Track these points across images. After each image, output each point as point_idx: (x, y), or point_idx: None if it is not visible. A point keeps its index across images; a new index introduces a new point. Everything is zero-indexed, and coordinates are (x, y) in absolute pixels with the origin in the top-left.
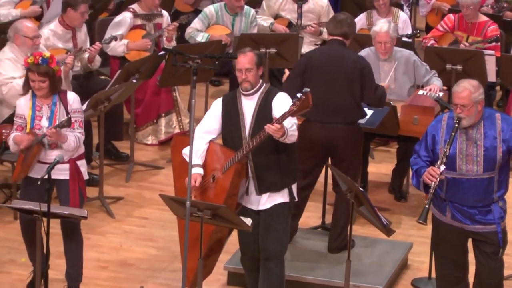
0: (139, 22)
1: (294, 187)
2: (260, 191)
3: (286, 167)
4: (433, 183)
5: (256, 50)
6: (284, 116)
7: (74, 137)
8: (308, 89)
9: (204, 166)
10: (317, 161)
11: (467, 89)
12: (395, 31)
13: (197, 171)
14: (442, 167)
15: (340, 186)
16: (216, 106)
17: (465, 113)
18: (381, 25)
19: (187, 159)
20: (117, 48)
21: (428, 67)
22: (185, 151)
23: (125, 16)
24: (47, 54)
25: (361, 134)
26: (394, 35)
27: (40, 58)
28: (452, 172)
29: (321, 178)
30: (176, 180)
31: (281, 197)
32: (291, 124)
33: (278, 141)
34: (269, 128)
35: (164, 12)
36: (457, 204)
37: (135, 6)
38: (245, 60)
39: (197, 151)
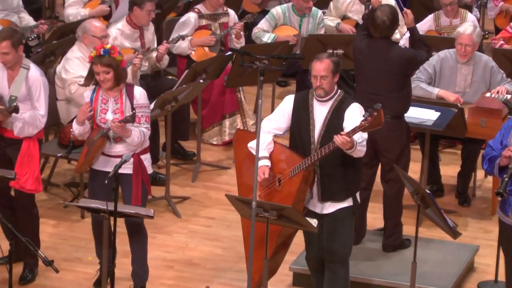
0: (204, 22)
1: (358, 193)
2: (323, 199)
3: (352, 177)
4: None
5: (323, 51)
6: (354, 131)
7: (138, 132)
8: (380, 105)
9: (271, 166)
10: (368, 158)
11: None
12: (479, 36)
13: (265, 163)
14: None
15: (385, 183)
16: (287, 103)
17: None
18: (466, 27)
19: (253, 152)
20: (182, 44)
21: (504, 75)
22: (251, 144)
23: (190, 17)
24: (108, 46)
25: (404, 129)
26: (477, 40)
27: (102, 49)
28: None
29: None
30: (240, 177)
31: (345, 202)
32: (362, 139)
33: (346, 152)
34: (338, 139)
35: (230, 11)
36: None
37: (200, 7)
38: (320, 67)
39: (263, 143)
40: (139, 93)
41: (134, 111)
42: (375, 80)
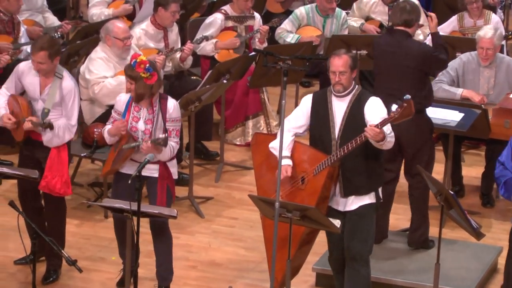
0: (230, 24)
1: (380, 188)
2: (346, 193)
3: (374, 171)
4: None
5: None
6: (384, 122)
7: (169, 148)
8: (410, 96)
9: (292, 165)
10: (390, 153)
11: None
12: (500, 39)
13: (287, 162)
14: None
15: (411, 178)
16: (306, 102)
17: None
18: (486, 31)
19: (275, 153)
20: (206, 47)
21: None
22: (273, 144)
23: (216, 18)
24: (140, 58)
25: (426, 124)
26: (498, 43)
27: (133, 60)
28: None
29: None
30: (258, 179)
31: (368, 198)
32: (389, 130)
33: (369, 146)
34: (370, 131)
35: (256, 15)
36: None
37: (227, 8)
38: (339, 63)
39: (284, 143)
40: (172, 106)
41: (166, 135)
42: (394, 75)
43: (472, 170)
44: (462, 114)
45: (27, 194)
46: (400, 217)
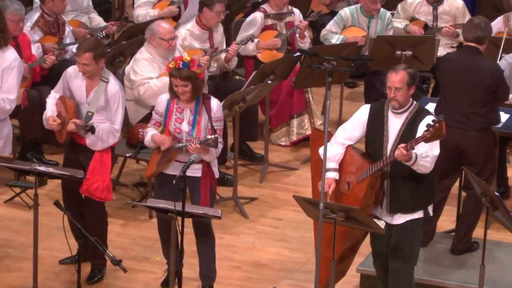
0: (269, 22)
1: (430, 206)
2: (391, 210)
3: (423, 190)
4: None
5: (392, 52)
6: (417, 141)
7: (214, 149)
8: (443, 116)
9: (341, 166)
10: (449, 165)
11: None
12: None
13: (332, 175)
14: None
15: (468, 189)
16: (363, 113)
17: None
18: None
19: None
20: (248, 46)
21: None
22: (321, 151)
23: (256, 16)
24: (188, 58)
25: (494, 140)
26: None
27: (181, 62)
28: None
29: (456, 182)
30: (314, 177)
31: (416, 214)
32: (426, 154)
33: None
34: (397, 151)
35: (296, 10)
36: None
37: (265, 6)
38: (396, 79)
39: (335, 155)
40: (216, 106)
41: (216, 136)
42: (463, 91)
43: None
44: (507, 115)
45: (71, 195)
46: (444, 218)
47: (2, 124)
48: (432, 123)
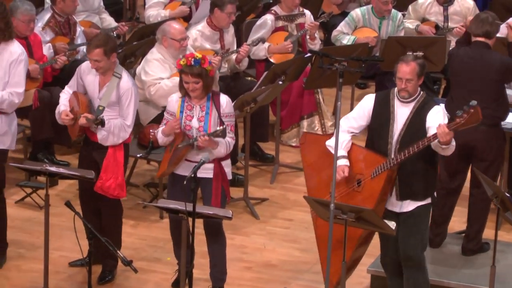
0: (280, 24)
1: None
2: (401, 197)
3: (430, 176)
4: None
5: (403, 53)
6: (452, 126)
7: (225, 143)
8: (476, 102)
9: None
10: (459, 162)
11: None
12: None
13: (344, 162)
14: None
15: (476, 188)
16: (368, 102)
17: None
18: None
19: (331, 151)
20: (259, 52)
21: None
22: (329, 143)
23: (266, 19)
24: (199, 55)
25: (502, 137)
26: None
27: (193, 59)
28: None
29: (466, 183)
30: (309, 180)
31: (424, 200)
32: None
33: (427, 151)
34: (443, 128)
35: (306, 11)
36: None
37: (276, 8)
38: (407, 70)
39: (342, 142)
40: (225, 101)
41: (224, 126)
42: (473, 86)
43: None
44: None
45: (87, 194)
46: (455, 219)
47: (10, 118)
48: (466, 109)
